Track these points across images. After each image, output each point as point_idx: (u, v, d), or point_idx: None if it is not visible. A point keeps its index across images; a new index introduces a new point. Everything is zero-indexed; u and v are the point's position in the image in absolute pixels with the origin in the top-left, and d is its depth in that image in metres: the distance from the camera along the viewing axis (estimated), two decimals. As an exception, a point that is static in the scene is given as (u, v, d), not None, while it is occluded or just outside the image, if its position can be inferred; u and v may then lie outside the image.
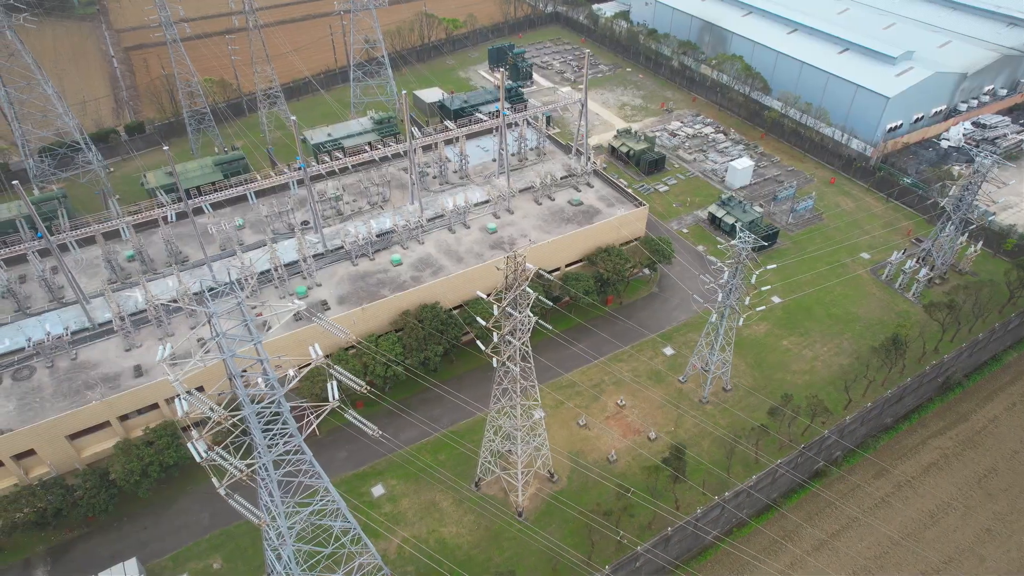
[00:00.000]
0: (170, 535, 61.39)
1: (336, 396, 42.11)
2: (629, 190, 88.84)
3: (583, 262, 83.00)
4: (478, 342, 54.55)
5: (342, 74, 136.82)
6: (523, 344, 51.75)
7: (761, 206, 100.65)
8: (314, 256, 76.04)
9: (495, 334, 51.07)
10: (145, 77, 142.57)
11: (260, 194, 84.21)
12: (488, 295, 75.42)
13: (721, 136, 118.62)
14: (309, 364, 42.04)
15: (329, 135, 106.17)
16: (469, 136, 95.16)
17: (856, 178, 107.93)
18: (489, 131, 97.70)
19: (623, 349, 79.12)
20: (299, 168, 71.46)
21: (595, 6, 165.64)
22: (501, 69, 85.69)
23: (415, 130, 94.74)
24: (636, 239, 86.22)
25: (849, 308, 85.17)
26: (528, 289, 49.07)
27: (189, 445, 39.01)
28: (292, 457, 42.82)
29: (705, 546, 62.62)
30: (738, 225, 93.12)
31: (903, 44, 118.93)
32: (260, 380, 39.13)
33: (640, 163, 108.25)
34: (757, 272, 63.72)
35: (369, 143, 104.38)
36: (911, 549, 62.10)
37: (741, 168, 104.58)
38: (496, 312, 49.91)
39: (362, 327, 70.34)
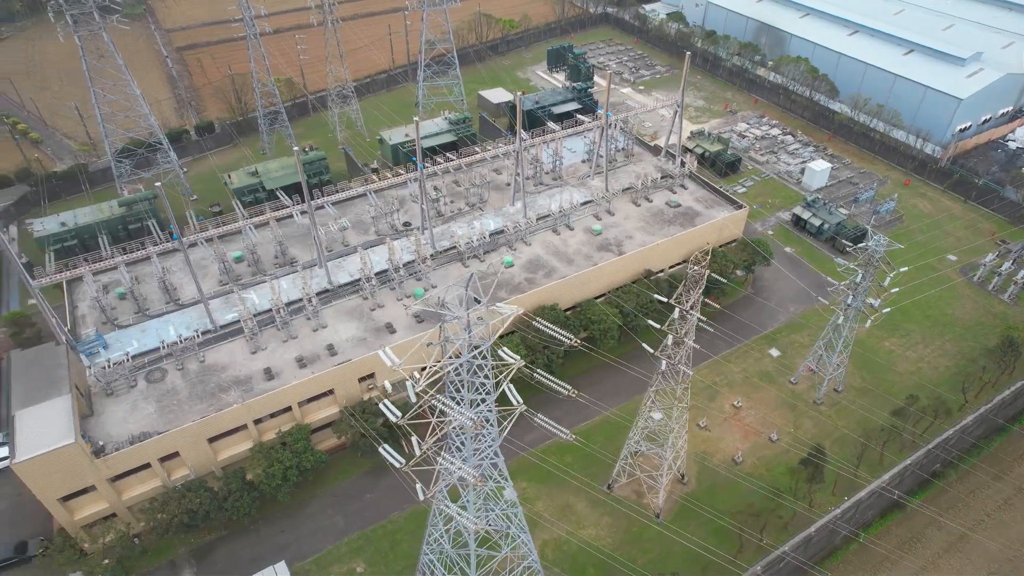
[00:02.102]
0: (307, 538, 61.09)
1: (517, 357, 40.61)
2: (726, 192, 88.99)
3: (684, 263, 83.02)
4: (644, 345, 54.46)
5: (401, 74, 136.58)
6: (691, 346, 51.81)
7: (843, 208, 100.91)
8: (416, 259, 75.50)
9: (669, 336, 51.02)
10: (202, 77, 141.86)
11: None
12: (598, 298, 75.90)
13: (789, 138, 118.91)
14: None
15: (407, 135, 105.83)
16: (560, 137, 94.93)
17: (929, 180, 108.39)
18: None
19: (731, 350, 79.17)
20: (419, 168, 71.15)
21: (646, 6, 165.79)
22: (609, 71, 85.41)
23: (504, 132, 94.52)
24: (733, 241, 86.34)
25: (944, 310, 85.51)
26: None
27: (382, 405, 39.75)
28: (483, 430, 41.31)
29: (835, 547, 62.85)
30: (825, 226, 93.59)
31: (967, 45, 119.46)
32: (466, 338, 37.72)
33: (716, 164, 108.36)
34: (891, 275, 63.87)
35: (451, 144, 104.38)
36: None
37: (819, 170, 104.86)
38: (676, 314, 49.89)
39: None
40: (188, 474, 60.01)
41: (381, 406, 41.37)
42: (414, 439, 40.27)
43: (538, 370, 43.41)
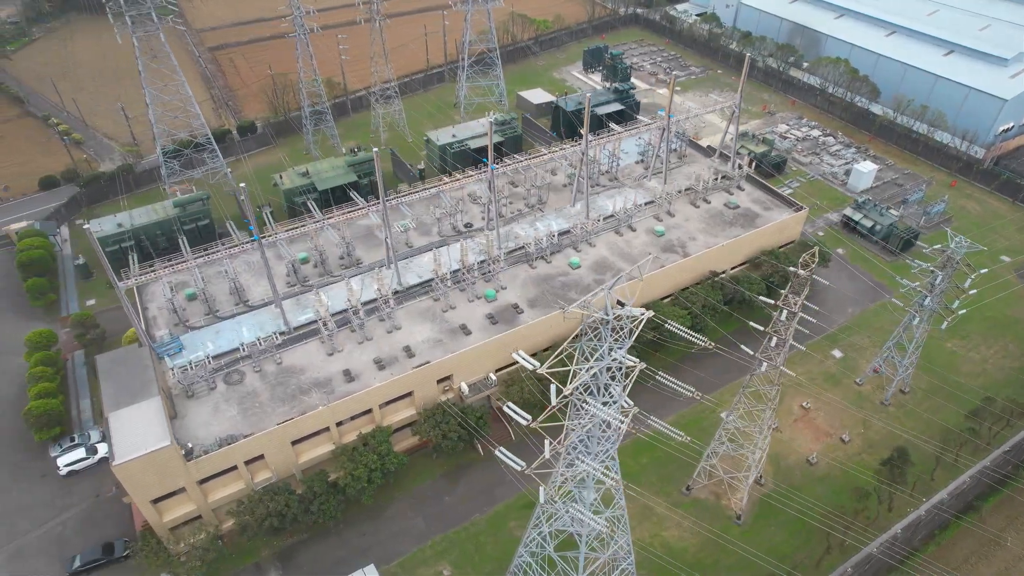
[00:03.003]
0: (390, 541, 60.95)
1: (636, 362, 40.46)
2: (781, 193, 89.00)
3: (746, 264, 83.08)
4: (743, 347, 54.47)
5: (437, 74, 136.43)
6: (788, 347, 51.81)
7: (893, 210, 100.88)
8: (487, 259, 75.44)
9: (772, 338, 51.03)
10: (235, 77, 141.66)
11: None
12: (663, 299, 75.42)
13: (830, 139, 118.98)
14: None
15: (454, 136, 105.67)
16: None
17: (975, 181, 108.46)
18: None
19: (793, 352, 78.57)
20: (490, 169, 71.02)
21: (677, 6, 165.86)
22: (672, 73, 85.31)
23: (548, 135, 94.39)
24: (791, 242, 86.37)
25: (1003, 311, 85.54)
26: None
27: (507, 408, 40.16)
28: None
29: (915, 547, 62.88)
30: (877, 228, 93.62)
31: (1007, 45, 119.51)
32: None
33: (761, 165, 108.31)
34: (972, 276, 63.88)
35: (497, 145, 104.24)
36: None
37: (866, 171, 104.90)
38: (784, 317, 49.90)
39: (553, 332, 70.08)
40: (270, 477, 59.85)
41: (507, 409, 41.31)
42: (547, 441, 40.03)
43: (660, 372, 43.26)
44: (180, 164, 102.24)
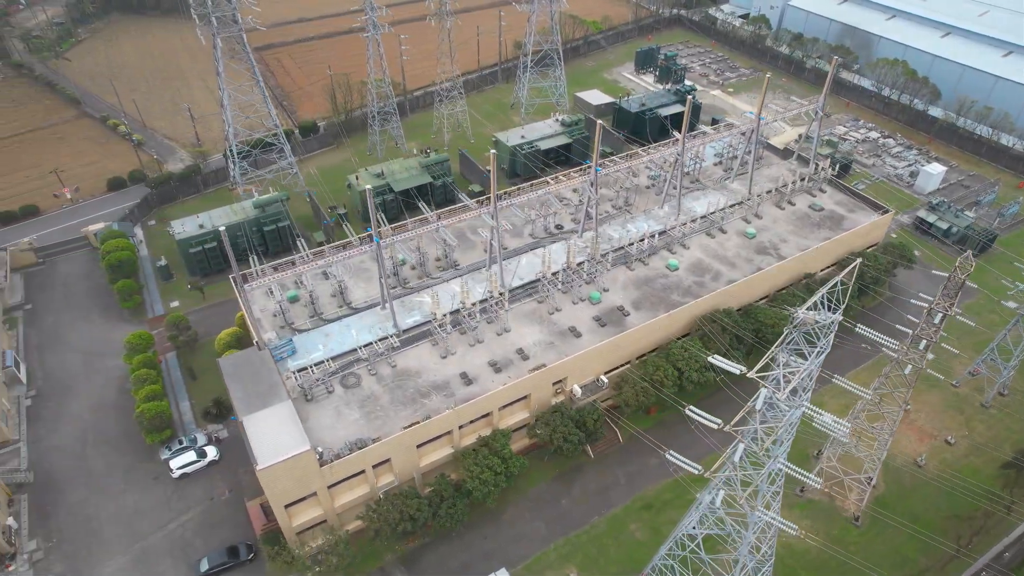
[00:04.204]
0: (512, 544, 60.81)
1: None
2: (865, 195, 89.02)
3: (834, 266, 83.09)
4: (885, 349, 54.40)
5: (491, 75, 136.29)
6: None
7: (966, 211, 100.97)
8: (587, 260, 75.29)
9: (923, 340, 51.06)
10: (284, 77, 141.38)
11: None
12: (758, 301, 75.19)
13: (890, 141, 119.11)
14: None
15: (523, 137, 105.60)
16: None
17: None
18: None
19: (880, 355, 79.14)
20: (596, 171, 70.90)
21: (724, 7, 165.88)
22: (767, 76, 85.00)
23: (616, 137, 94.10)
24: (875, 244, 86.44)
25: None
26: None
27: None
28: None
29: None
30: (953, 229, 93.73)
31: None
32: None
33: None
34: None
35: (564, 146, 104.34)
36: None
37: (935, 173, 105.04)
38: (937, 320, 49.96)
39: (661, 333, 70.06)
40: (393, 481, 59.67)
41: (692, 413, 41.17)
42: (738, 440, 39.80)
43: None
44: (248, 165, 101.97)
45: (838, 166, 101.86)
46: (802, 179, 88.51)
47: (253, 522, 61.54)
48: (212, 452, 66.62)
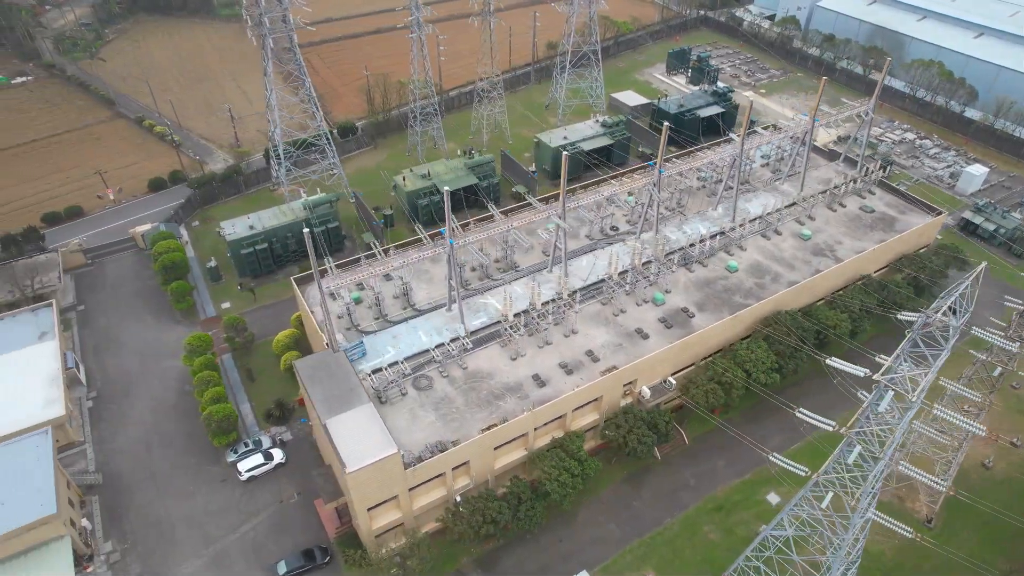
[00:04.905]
0: (588, 547, 60.67)
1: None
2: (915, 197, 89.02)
3: (886, 268, 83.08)
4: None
5: (523, 75, 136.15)
6: None
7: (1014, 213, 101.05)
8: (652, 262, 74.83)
9: (1004, 338, 51.11)
10: (315, 77, 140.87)
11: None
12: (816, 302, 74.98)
13: (927, 142, 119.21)
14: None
15: (565, 138, 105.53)
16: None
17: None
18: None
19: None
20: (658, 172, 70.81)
21: (750, 7, 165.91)
22: (823, 79, 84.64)
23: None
24: (926, 246, 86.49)
25: None
26: None
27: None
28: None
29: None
30: (1000, 231, 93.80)
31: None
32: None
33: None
34: None
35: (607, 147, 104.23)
36: None
37: (977, 174, 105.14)
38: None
39: (727, 335, 70.00)
40: (468, 483, 59.49)
41: (801, 415, 41.02)
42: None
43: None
44: (290, 165, 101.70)
45: (888, 168, 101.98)
46: (852, 181, 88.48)
47: (326, 525, 61.39)
48: (278, 455, 66.39)
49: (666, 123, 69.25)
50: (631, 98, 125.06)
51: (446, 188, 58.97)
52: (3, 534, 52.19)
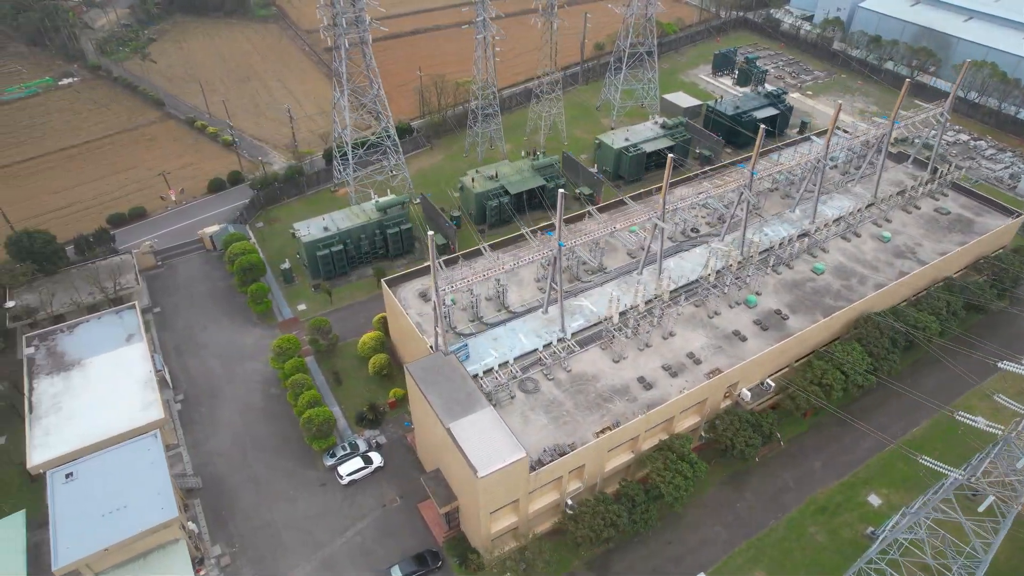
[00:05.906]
0: (697, 549, 60.53)
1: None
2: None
3: (965, 269, 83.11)
4: None
5: (571, 76, 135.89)
6: None
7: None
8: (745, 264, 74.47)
9: None
10: (363, 79, 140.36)
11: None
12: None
13: (982, 143, 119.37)
14: None
15: (627, 140, 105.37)
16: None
17: None
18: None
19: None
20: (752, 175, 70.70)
21: (789, 8, 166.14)
22: (907, 81, 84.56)
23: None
24: (1003, 247, 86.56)
25: None
26: None
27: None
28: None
29: None
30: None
31: None
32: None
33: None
34: None
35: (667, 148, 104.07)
36: None
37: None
38: None
39: (821, 336, 69.91)
40: (579, 487, 59.28)
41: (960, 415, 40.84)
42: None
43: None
44: (351, 165, 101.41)
45: (963, 170, 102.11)
46: (926, 182, 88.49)
47: (433, 529, 61.19)
48: (377, 458, 66.08)
49: (763, 126, 69.20)
50: (682, 99, 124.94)
51: (560, 191, 58.72)
52: (129, 537, 51.86)
